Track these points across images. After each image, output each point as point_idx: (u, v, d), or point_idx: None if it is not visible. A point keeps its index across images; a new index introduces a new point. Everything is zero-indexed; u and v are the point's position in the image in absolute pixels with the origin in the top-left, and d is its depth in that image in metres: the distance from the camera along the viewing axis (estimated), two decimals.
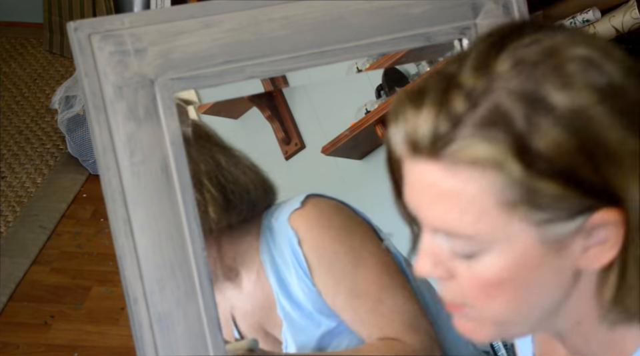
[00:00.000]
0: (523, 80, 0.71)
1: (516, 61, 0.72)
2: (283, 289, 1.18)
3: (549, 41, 0.73)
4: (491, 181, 0.71)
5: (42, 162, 2.97)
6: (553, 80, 0.70)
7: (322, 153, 1.35)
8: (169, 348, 1.01)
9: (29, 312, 2.38)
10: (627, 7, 2.31)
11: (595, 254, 0.74)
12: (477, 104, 0.71)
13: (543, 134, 0.69)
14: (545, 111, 0.70)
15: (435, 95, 0.72)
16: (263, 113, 1.34)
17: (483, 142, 0.70)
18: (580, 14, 2.35)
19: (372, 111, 1.37)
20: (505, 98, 0.70)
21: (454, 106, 0.71)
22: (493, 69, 0.72)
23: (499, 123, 0.70)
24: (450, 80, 0.73)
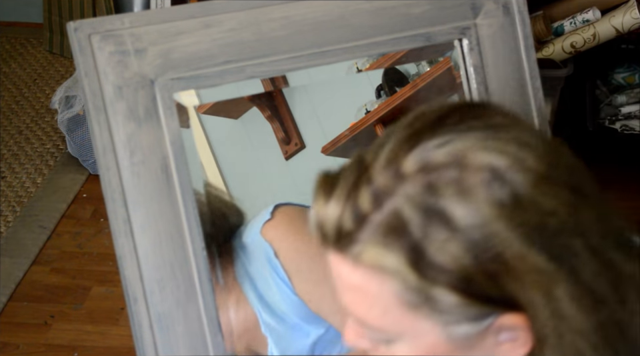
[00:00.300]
0: (424, 187, 0.69)
1: (421, 165, 0.70)
2: (264, 305, 1.16)
3: (459, 145, 0.70)
4: (391, 284, 0.70)
5: (42, 162, 2.97)
6: (454, 192, 0.69)
7: (322, 153, 1.35)
8: (169, 348, 1.01)
9: (29, 312, 2.38)
10: (626, 6, 2.31)
11: (508, 350, 0.73)
12: (381, 204, 0.70)
13: (439, 247, 0.69)
14: (443, 223, 0.68)
15: (344, 187, 0.72)
16: (263, 113, 1.34)
17: (381, 249, 0.70)
18: (580, 14, 2.35)
19: (372, 111, 1.37)
20: (405, 205, 0.69)
21: (360, 202, 0.70)
22: (400, 169, 0.70)
23: (396, 231, 0.69)
24: (363, 171, 0.72)
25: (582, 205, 0.72)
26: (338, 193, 0.72)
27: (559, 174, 0.72)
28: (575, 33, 2.36)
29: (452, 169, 0.70)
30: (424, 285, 0.70)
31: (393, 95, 1.37)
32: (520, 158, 0.70)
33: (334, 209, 0.72)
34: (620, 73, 2.73)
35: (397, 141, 0.72)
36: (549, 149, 0.73)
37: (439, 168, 0.70)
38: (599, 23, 2.34)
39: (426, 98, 1.36)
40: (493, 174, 0.69)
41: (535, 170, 0.70)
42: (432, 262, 0.69)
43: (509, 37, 1.13)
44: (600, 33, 2.34)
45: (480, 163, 0.70)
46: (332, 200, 0.72)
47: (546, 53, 2.40)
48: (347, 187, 0.72)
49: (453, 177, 0.69)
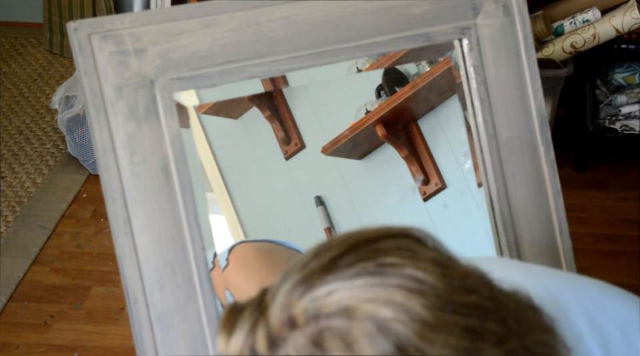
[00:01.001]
0: (311, 340, 0.70)
1: (311, 314, 0.71)
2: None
3: (346, 294, 0.71)
4: None
5: (42, 162, 2.97)
6: (339, 345, 0.69)
7: (322, 153, 1.35)
8: (169, 348, 1.01)
9: (28, 312, 2.38)
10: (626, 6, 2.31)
11: None
12: (276, 349, 0.71)
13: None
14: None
15: (244, 327, 0.73)
16: (263, 113, 1.34)
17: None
18: (580, 14, 2.35)
19: (372, 111, 1.37)
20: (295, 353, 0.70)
21: (258, 346, 0.72)
22: (292, 316, 0.71)
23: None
24: (262, 311, 0.73)
25: (481, 346, 0.71)
26: (237, 333, 0.73)
27: (453, 318, 0.71)
28: (575, 33, 2.36)
29: (339, 319, 0.70)
30: None
31: (393, 95, 1.37)
32: (406, 307, 0.70)
33: (234, 348, 0.73)
34: (620, 73, 2.73)
35: (291, 283, 0.73)
36: (449, 287, 0.72)
37: (327, 318, 0.70)
38: (599, 22, 2.34)
39: (426, 98, 1.36)
40: (376, 326, 0.69)
41: (421, 319, 0.70)
42: None
43: (508, 37, 1.13)
44: (600, 33, 2.34)
45: (364, 314, 0.70)
46: (232, 340, 0.74)
47: (546, 53, 2.41)
48: (246, 328, 0.73)
49: (339, 328, 0.70)
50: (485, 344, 0.71)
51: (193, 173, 1.02)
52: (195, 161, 1.05)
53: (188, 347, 1.01)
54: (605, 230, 2.58)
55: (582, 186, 2.75)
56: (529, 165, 1.15)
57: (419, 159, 1.37)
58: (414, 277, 0.72)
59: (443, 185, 1.37)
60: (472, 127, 1.14)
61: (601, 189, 2.75)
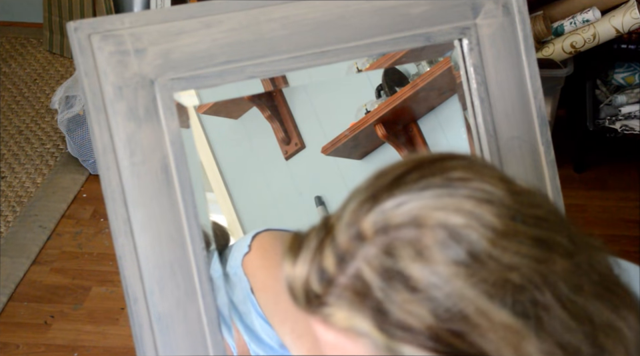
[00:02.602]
0: (382, 250, 0.70)
1: (380, 227, 0.71)
2: (251, 334, 1.18)
3: (415, 205, 0.71)
4: (364, 343, 0.71)
5: (42, 162, 2.97)
6: (411, 253, 0.69)
7: (322, 153, 1.35)
8: (169, 348, 1.01)
9: (28, 312, 2.38)
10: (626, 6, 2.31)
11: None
12: (344, 267, 0.71)
13: (402, 308, 0.69)
14: (402, 285, 0.69)
15: (310, 248, 0.73)
16: (263, 113, 1.34)
17: (348, 312, 0.71)
18: (580, 14, 2.35)
19: (372, 111, 1.37)
20: (365, 267, 0.70)
21: (325, 265, 0.72)
22: (360, 230, 0.72)
23: (361, 294, 0.70)
24: (328, 232, 0.73)
25: (550, 257, 0.71)
26: (304, 254, 0.73)
27: (523, 228, 0.71)
28: (575, 33, 2.36)
29: (409, 229, 0.70)
30: (393, 345, 0.70)
31: (393, 95, 1.37)
32: (477, 215, 0.70)
33: (301, 270, 0.73)
34: (620, 73, 2.73)
35: (357, 201, 0.73)
36: (516, 200, 0.72)
37: (397, 229, 0.70)
38: (599, 22, 2.34)
39: (426, 98, 1.36)
40: (448, 233, 0.70)
41: (492, 226, 0.70)
42: (397, 322, 0.69)
43: (508, 37, 1.13)
44: (600, 33, 2.34)
45: (435, 222, 0.70)
46: (299, 262, 0.74)
47: (546, 53, 2.41)
48: (313, 248, 0.73)
49: (410, 237, 0.70)
50: (555, 255, 0.71)
51: (193, 172, 1.02)
52: (195, 160, 1.05)
53: (188, 347, 1.01)
54: (605, 230, 2.58)
55: (582, 186, 2.75)
56: (529, 165, 1.15)
57: None
58: (482, 189, 0.72)
59: None
60: (472, 127, 1.14)
61: (601, 189, 2.75)
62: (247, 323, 1.18)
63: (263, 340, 1.17)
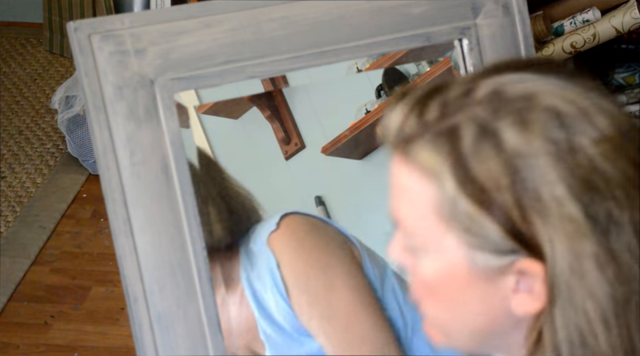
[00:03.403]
0: (487, 110, 0.72)
1: (494, 92, 0.73)
2: (263, 312, 1.17)
3: (534, 85, 0.73)
4: (432, 190, 0.73)
5: (42, 162, 2.97)
6: (513, 120, 0.71)
7: (322, 153, 1.35)
8: (169, 348, 1.01)
9: (28, 312, 2.38)
10: (626, 6, 2.31)
11: (523, 300, 0.74)
12: (445, 116, 0.73)
13: (483, 162, 0.71)
14: (492, 142, 0.71)
15: (417, 93, 0.75)
16: (263, 113, 1.34)
17: (430, 151, 0.73)
18: (580, 14, 2.35)
19: (372, 111, 1.37)
20: (466, 121, 0.72)
21: (427, 110, 0.74)
22: (474, 90, 0.74)
23: (450, 139, 0.72)
24: (440, 85, 0.75)
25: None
26: (410, 97, 0.76)
27: (628, 146, 0.72)
28: (574, 33, 2.36)
29: (520, 102, 0.72)
30: (459, 197, 0.72)
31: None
32: (589, 113, 0.72)
33: (402, 109, 0.75)
34: (620, 73, 2.73)
35: (481, 69, 0.77)
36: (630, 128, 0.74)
37: (509, 99, 0.72)
38: (599, 22, 2.34)
39: None
40: (556, 116, 0.71)
41: (601, 129, 0.72)
42: (472, 175, 0.71)
43: (508, 37, 1.13)
44: (600, 33, 2.34)
45: (548, 104, 0.72)
46: (403, 102, 0.76)
47: (546, 53, 2.40)
48: (420, 94, 0.75)
49: (518, 108, 0.72)
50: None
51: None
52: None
53: (188, 347, 1.01)
54: None
55: None
56: None
57: None
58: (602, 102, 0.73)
59: None
60: None
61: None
62: (260, 299, 1.17)
63: (275, 319, 1.17)
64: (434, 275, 0.76)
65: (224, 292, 1.17)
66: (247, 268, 1.18)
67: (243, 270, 1.19)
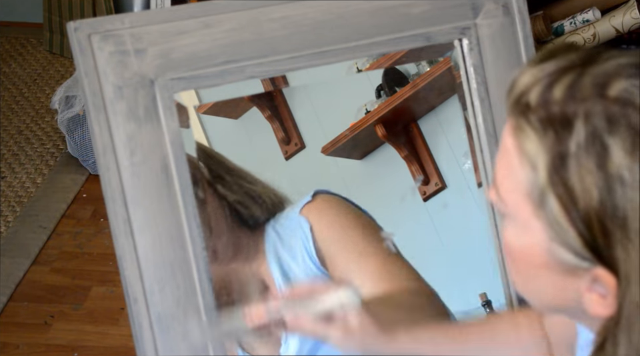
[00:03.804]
0: (609, 116, 0.70)
1: (624, 98, 0.71)
2: (286, 278, 1.21)
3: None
4: (527, 172, 0.73)
5: (42, 162, 2.97)
6: (628, 139, 0.69)
7: (322, 153, 1.35)
8: (169, 348, 1.01)
9: (28, 312, 2.38)
10: (626, 6, 2.31)
11: (596, 301, 0.74)
12: (568, 102, 0.71)
13: (582, 170, 0.70)
14: (598, 157, 0.69)
15: (557, 66, 0.73)
16: (263, 113, 1.34)
17: (537, 137, 0.72)
18: (580, 14, 2.35)
19: (372, 111, 1.37)
20: (583, 117, 0.70)
21: (555, 88, 0.72)
22: (607, 87, 0.71)
23: (560, 134, 0.71)
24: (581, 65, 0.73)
25: None
26: (549, 66, 0.74)
27: None
28: (574, 33, 2.36)
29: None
30: (548, 193, 0.71)
31: (393, 95, 1.37)
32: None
33: (532, 76, 0.74)
34: None
35: (630, 62, 0.73)
36: None
37: (631, 115, 0.70)
38: (599, 22, 2.33)
39: (426, 98, 1.36)
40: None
41: None
42: (566, 178, 0.70)
43: (509, 37, 1.13)
44: (600, 33, 2.34)
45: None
46: (538, 68, 0.74)
47: None
48: (558, 68, 0.73)
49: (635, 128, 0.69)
50: None
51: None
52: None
53: (188, 347, 1.01)
54: None
55: None
56: None
57: (419, 159, 1.37)
58: None
59: (442, 184, 1.37)
60: (472, 127, 1.14)
61: None
62: (285, 269, 1.21)
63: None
64: (515, 244, 0.77)
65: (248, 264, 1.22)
66: (276, 242, 1.22)
67: (270, 246, 1.22)
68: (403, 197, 1.37)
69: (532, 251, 0.75)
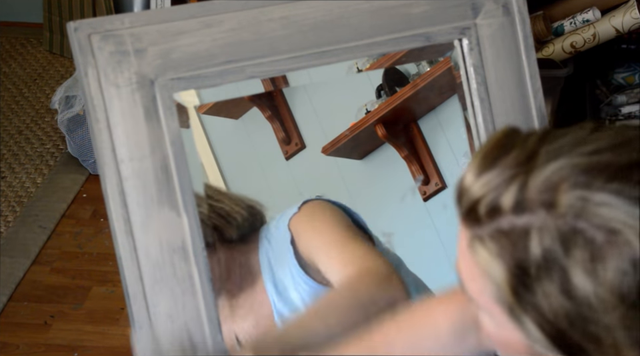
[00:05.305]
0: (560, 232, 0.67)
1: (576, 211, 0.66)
2: (279, 293, 1.21)
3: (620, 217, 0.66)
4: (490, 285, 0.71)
5: (42, 162, 2.97)
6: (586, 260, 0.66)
7: (322, 153, 1.35)
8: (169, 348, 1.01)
9: (28, 312, 2.38)
10: (626, 7, 2.31)
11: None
12: (519, 214, 0.68)
13: (545, 295, 0.67)
14: (559, 281, 0.67)
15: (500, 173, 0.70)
16: (263, 112, 1.34)
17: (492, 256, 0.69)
18: (580, 14, 2.35)
19: (372, 111, 1.37)
20: (538, 234, 0.67)
21: (504, 198, 0.69)
22: (556, 200, 0.67)
23: (515, 250, 0.68)
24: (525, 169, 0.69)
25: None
26: (492, 174, 0.70)
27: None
28: (575, 33, 2.36)
29: (600, 233, 0.66)
30: (516, 308, 0.69)
31: (393, 95, 1.37)
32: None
33: (480, 187, 0.70)
34: (620, 72, 2.72)
35: (572, 163, 0.68)
36: None
37: (590, 226, 0.66)
38: (599, 22, 2.34)
39: (426, 98, 1.36)
40: (633, 266, 0.66)
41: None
42: (532, 300, 0.68)
43: (508, 36, 1.13)
44: (600, 33, 2.34)
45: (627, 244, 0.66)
46: (483, 177, 0.70)
47: (546, 53, 2.40)
48: (503, 176, 0.69)
49: (594, 240, 0.66)
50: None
51: (193, 172, 1.02)
52: (195, 161, 1.05)
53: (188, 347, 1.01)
54: None
55: None
56: None
57: (419, 159, 1.37)
58: None
59: (442, 184, 1.37)
60: (472, 127, 1.14)
61: None
62: (278, 280, 1.22)
63: (291, 299, 1.20)
64: (496, 335, 0.75)
65: (243, 284, 1.23)
66: (269, 253, 1.23)
67: (263, 256, 1.23)
68: (403, 197, 1.37)
69: (514, 343, 0.74)
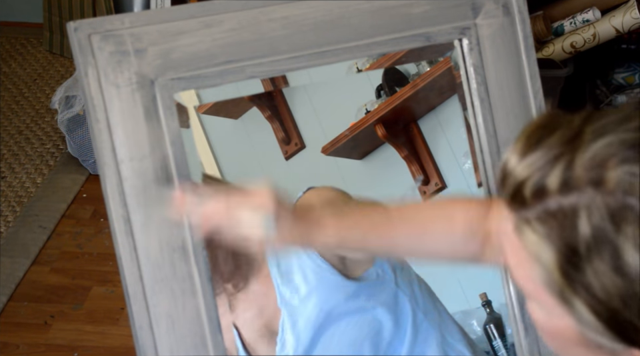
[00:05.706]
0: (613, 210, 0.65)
1: (625, 188, 0.65)
2: (282, 276, 1.22)
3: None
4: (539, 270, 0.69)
5: (42, 162, 2.97)
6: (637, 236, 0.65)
7: (322, 153, 1.35)
8: (169, 348, 1.01)
9: (28, 312, 2.38)
10: (626, 7, 2.31)
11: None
12: (566, 193, 0.67)
13: (596, 275, 0.66)
14: (610, 259, 0.65)
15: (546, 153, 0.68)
16: (263, 113, 1.34)
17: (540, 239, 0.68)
18: (580, 14, 2.35)
19: (372, 111, 1.37)
20: (586, 211, 0.66)
21: (550, 178, 0.67)
22: (604, 175, 0.66)
23: (563, 232, 0.67)
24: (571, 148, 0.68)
25: None
26: (537, 155, 0.68)
27: None
28: (575, 33, 2.36)
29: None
30: (567, 291, 0.68)
31: (393, 95, 1.37)
32: None
33: (524, 168, 0.69)
34: (620, 72, 2.72)
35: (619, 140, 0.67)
36: None
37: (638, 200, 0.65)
38: (599, 22, 2.34)
39: (426, 98, 1.36)
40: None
41: None
42: (583, 280, 0.67)
43: (508, 37, 1.13)
44: (600, 33, 2.34)
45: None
46: (527, 158, 0.69)
47: (546, 53, 2.40)
48: (548, 156, 0.68)
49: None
50: None
51: (193, 173, 1.02)
52: (195, 161, 1.05)
53: (188, 347, 1.01)
54: None
55: None
56: None
57: (419, 159, 1.37)
58: None
59: (442, 184, 1.37)
60: (472, 127, 1.14)
61: None
62: (281, 264, 1.22)
63: (294, 282, 1.22)
64: (545, 324, 0.74)
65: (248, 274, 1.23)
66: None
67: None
68: (403, 197, 1.37)
69: (564, 331, 0.72)
